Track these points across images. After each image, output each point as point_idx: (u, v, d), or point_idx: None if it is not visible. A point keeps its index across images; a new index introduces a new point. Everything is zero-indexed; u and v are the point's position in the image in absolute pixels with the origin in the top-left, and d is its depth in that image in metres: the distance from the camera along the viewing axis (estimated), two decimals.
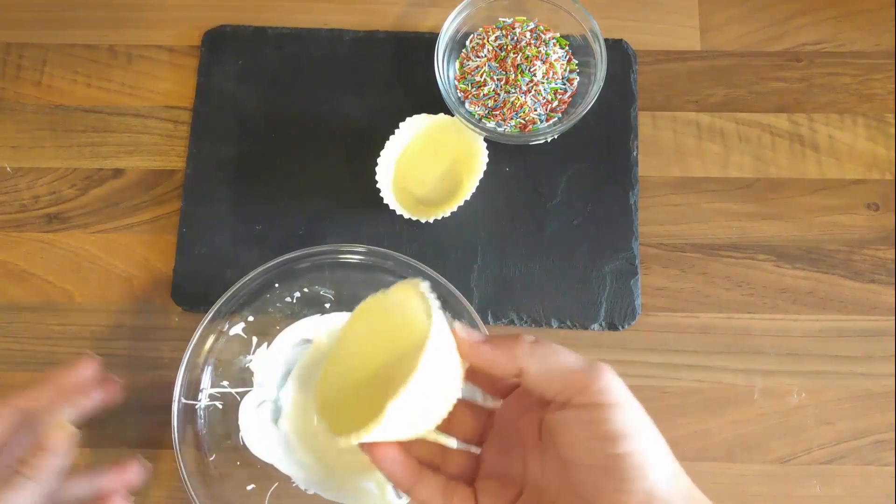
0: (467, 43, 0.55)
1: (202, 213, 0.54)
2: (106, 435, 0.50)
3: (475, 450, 0.36)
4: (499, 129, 0.52)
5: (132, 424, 0.51)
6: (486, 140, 0.52)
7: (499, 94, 0.53)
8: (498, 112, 0.53)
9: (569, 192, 0.54)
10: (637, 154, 0.55)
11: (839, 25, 0.58)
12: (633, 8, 0.58)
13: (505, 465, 0.34)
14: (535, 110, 0.53)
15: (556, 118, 0.53)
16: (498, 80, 0.53)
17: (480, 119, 0.53)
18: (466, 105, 0.54)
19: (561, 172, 0.54)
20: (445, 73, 0.53)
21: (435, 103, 0.52)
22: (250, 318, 0.51)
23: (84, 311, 0.52)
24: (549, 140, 0.54)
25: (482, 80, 0.53)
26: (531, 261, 0.53)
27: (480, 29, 0.55)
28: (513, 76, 0.52)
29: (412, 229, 0.53)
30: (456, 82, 0.54)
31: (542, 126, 0.53)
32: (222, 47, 0.57)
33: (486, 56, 0.54)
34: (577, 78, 0.54)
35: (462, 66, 0.55)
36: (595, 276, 0.52)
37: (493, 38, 0.54)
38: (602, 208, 0.54)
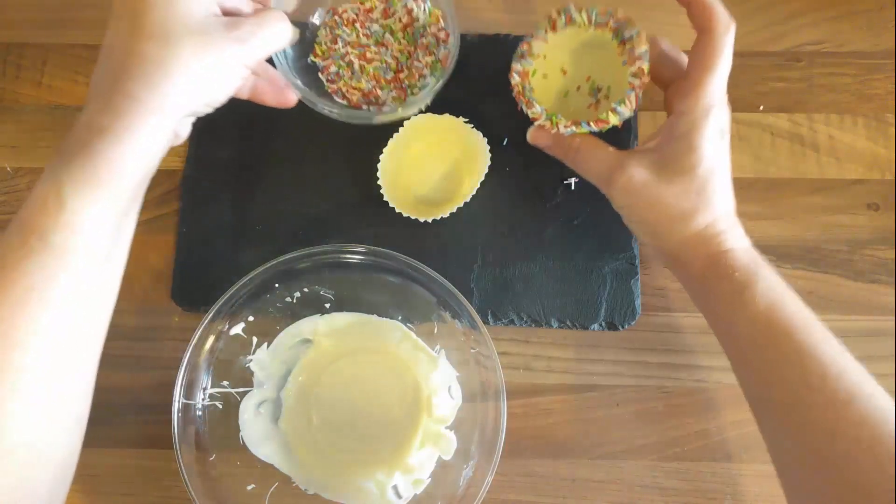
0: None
1: (202, 213, 0.54)
2: (106, 435, 0.50)
3: None
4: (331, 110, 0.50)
5: (132, 424, 0.51)
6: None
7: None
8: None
9: (569, 193, 0.54)
10: None
11: (839, 25, 0.58)
12: (633, 8, 0.58)
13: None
14: None
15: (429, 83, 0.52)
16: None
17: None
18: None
19: (561, 173, 0.54)
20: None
21: (440, 103, 0.52)
22: (250, 318, 0.51)
23: None
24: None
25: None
26: (531, 261, 0.53)
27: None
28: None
29: (412, 229, 0.53)
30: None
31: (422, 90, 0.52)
32: None
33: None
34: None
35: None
36: (595, 276, 0.52)
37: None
38: (602, 208, 0.53)
